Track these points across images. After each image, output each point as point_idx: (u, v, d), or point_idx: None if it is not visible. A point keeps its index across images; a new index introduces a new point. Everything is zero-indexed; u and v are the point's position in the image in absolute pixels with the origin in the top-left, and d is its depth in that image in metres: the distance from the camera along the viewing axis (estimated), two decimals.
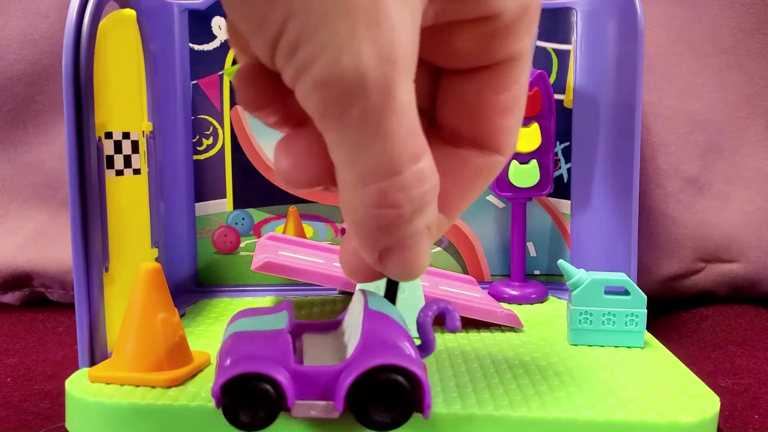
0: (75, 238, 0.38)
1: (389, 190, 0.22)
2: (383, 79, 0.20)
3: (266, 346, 0.29)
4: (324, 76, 0.20)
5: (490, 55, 0.25)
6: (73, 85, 0.37)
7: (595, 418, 0.32)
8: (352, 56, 0.19)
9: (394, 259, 0.24)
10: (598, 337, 0.42)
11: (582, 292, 0.42)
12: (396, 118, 0.21)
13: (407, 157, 0.22)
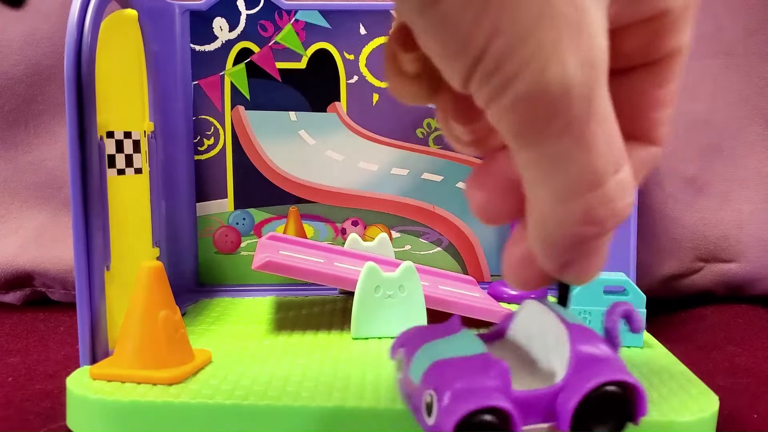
0: (76, 238, 0.38)
1: (594, 204, 0.21)
2: (586, 86, 0.19)
3: (484, 374, 0.27)
4: (528, 91, 0.19)
5: (655, 52, 0.24)
6: (74, 85, 0.37)
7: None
8: (558, 67, 0.19)
9: (577, 268, 0.23)
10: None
11: (581, 292, 0.42)
12: (596, 126, 0.20)
13: (610, 167, 0.21)
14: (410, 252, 0.57)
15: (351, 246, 0.53)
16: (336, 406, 0.33)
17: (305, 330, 0.46)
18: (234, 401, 0.33)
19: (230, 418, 0.33)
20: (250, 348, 0.41)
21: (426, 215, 0.57)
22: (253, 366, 0.38)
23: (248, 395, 0.34)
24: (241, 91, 0.56)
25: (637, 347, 0.42)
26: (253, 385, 0.35)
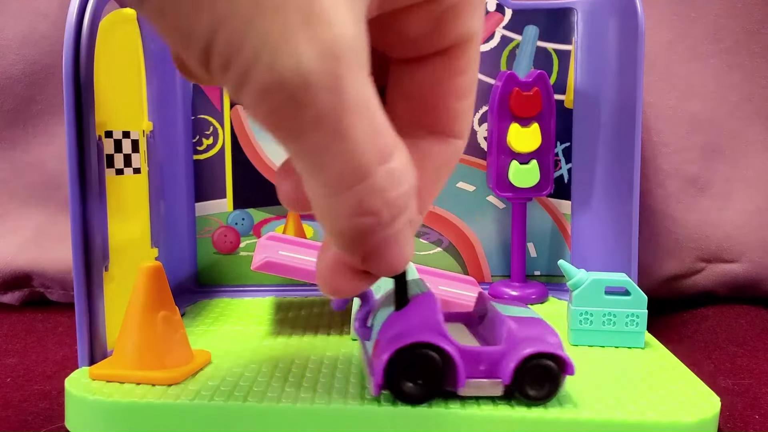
0: (75, 238, 0.38)
1: (364, 196, 0.20)
2: (329, 76, 0.18)
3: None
4: (265, 84, 0.18)
5: (441, 39, 0.24)
6: (73, 84, 0.37)
7: (595, 418, 0.32)
8: (291, 57, 0.18)
9: (379, 259, 0.23)
10: (599, 337, 0.42)
11: (582, 293, 0.42)
12: (352, 116, 0.19)
13: (374, 156, 0.20)
14: None
15: None
16: (336, 408, 0.33)
17: (305, 331, 0.45)
18: (233, 402, 0.33)
19: (229, 418, 0.33)
20: (250, 349, 0.41)
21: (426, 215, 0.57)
22: (252, 367, 0.38)
23: (247, 396, 0.34)
24: None
25: (638, 348, 0.42)
26: (252, 386, 0.35)
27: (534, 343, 0.33)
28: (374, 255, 0.23)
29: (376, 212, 0.21)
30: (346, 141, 0.19)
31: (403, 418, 0.33)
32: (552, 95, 0.52)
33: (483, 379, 0.33)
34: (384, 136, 0.20)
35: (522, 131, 0.52)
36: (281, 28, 0.18)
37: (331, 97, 0.19)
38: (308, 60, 0.18)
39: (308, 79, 0.18)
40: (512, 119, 0.52)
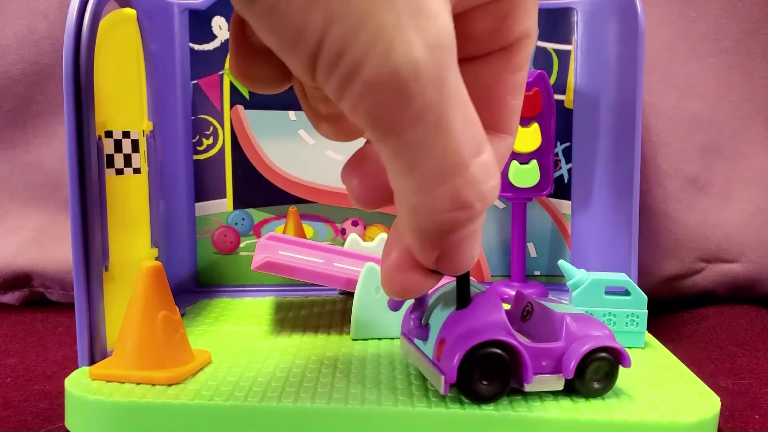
0: (75, 238, 0.38)
1: (461, 188, 0.20)
2: (436, 67, 0.19)
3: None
4: (376, 75, 0.19)
5: (505, 36, 0.24)
6: (73, 84, 0.37)
7: (595, 418, 0.32)
8: (404, 47, 0.18)
9: (452, 258, 0.23)
10: None
11: (582, 293, 0.42)
12: (453, 109, 0.19)
13: (472, 149, 0.20)
14: None
15: (351, 246, 0.53)
16: (336, 408, 0.33)
17: (305, 331, 0.45)
18: (233, 402, 0.33)
19: (229, 419, 0.33)
20: (250, 349, 0.41)
21: None
22: (252, 367, 0.38)
23: (247, 396, 0.34)
24: (240, 91, 0.55)
25: (638, 348, 0.42)
26: (252, 386, 0.35)
27: (593, 339, 0.34)
28: (449, 253, 0.23)
29: (471, 205, 0.21)
30: (447, 133, 0.20)
31: (403, 419, 0.33)
32: (552, 95, 0.52)
33: (546, 375, 0.34)
34: (478, 128, 0.21)
35: (522, 131, 0.52)
36: (395, 20, 0.18)
37: (436, 88, 0.19)
38: (419, 50, 0.18)
39: (419, 69, 0.18)
40: None
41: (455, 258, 0.23)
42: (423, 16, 0.18)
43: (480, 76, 0.25)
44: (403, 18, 0.18)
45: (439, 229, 0.21)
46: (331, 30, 0.18)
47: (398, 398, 0.34)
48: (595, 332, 0.35)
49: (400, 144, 0.20)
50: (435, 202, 0.21)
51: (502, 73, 0.25)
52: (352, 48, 0.18)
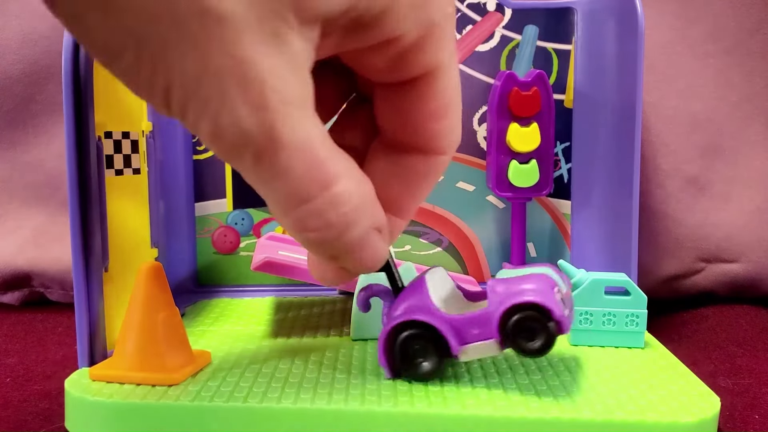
0: (74, 238, 0.38)
1: (304, 217, 0.24)
2: (262, 125, 0.22)
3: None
4: (211, 134, 0.22)
5: (405, 72, 0.26)
6: (72, 84, 0.37)
7: (595, 418, 0.32)
8: (229, 113, 0.22)
9: (347, 261, 0.26)
10: (599, 337, 0.42)
11: (582, 293, 0.42)
12: (288, 155, 0.22)
13: (313, 186, 0.23)
14: (410, 252, 0.57)
15: None
16: (336, 409, 0.33)
17: (305, 331, 0.45)
18: (233, 403, 0.33)
19: (229, 419, 0.33)
20: (250, 349, 0.41)
21: (426, 215, 0.57)
22: (252, 367, 0.38)
23: (247, 397, 0.34)
24: None
25: (638, 348, 0.42)
26: (252, 386, 0.35)
27: (513, 296, 0.34)
28: (342, 257, 0.26)
29: (317, 229, 0.24)
30: (283, 176, 0.23)
31: (402, 419, 0.33)
32: (551, 95, 0.52)
33: (478, 343, 0.35)
34: (324, 167, 0.24)
35: (521, 131, 0.52)
36: (221, 89, 0.21)
37: (266, 141, 0.22)
38: (242, 113, 0.22)
39: (243, 129, 0.22)
40: (512, 119, 0.52)
41: (351, 261, 0.26)
42: (248, 82, 0.21)
43: (396, 101, 0.27)
44: (228, 87, 0.21)
45: (307, 243, 0.25)
46: (172, 94, 0.22)
47: (398, 398, 0.34)
48: (519, 289, 0.34)
49: (250, 180, 0.24)
50: (287, 225, 0.25)
51: (416, 102, 0.27)
52: (192, 108, 0.22)
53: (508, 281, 0.35)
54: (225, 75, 0.21)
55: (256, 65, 0.21)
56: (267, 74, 0.22)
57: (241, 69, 0.21)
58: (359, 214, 0.25)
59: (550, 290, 0.34)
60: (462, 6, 0.55)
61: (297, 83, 0.23)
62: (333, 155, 0.24)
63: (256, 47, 0.21)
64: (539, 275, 0.35)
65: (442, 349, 0.35)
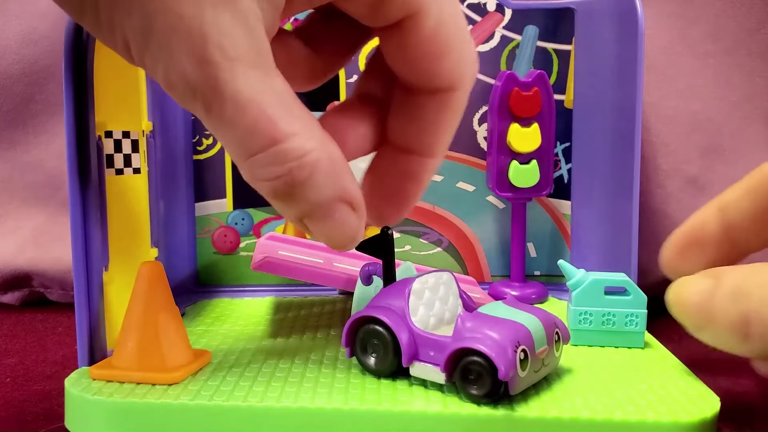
0: (75, 238, 0.38)
1: (253, 167, 0.25)
2: (206, 80, 0.23)
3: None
4: (165, 84, 0.24)
5: (384, 17, 0.27)
6: (72, 84, 0.37)
7: (595, 418, 0.32)
8: (175, 67, 0.23)
9: (312, 227, 0.27)
10: (598, 337, 0.42)
11: (582, 293, 0.42)
12: (233, 109, 0.23)
13: (261, 140, 0.24)
14: (410, 252, 0.57)
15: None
16: (336, 408, 0.33)
17: (304, 331, 0.45)
18: (233, 402, 0.33)
19: (229, 419, 0.33)
20: (250, 349, 0.41)
21: (426, 215, 0.57)
22: (252, 367, 0.38)
23: (247, 396, 0.34)
24: None
25: (638, 348, 0.42)
26: (252, 385, 0.35)
27: (469, 340, 0.33)
28: (308, 221, 0.27)
29: (265, 179, 0.25)
30: (231, 128, 0.24)
31: (403, 419, 0.33)
32: (552, 95, 0.52)
33: (429, 364, 0.35)
34: (273, 123, 0.24)
35: (522, 131, 0.52)
36: (167, 46, 0.23)
37: (213, 94, 0.23)
38: (188, 68, 0.23)
39: (189, 81, 0.23)
40: (512, 119, 0.52)
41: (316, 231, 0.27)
42: (193, 39, 0.23)
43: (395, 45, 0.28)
44: (175, 43, 0.23)
45: (263, 192, 0.26)
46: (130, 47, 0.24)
47: (398, 398, 0.34)
48: (481, 334, 0.33)
49: (207, 125, 0.25)
50: (243, 173, 0.26)
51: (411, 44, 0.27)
52: (146, 64, 0.24)
53: (481, 320, 0.34)
54: (169, 31, 0.23)
55: (200, 21, 0.23)
56: (211, 30, 0.23)
57: (183, 24, 0.23)
58: (315, 174, 0.25)
59: (512, 346, 0.33)
60: (462, 6, 0.55)
61: (245, 40, 0.23)
62: (289, 114, 0.25)
63: (200, 3, 0.23)
64: (516, 325, 0.34)
65: (396, 355, 0.36)
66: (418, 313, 0.36)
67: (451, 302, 0.39)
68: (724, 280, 0.31)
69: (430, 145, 0.29)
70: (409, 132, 0.29)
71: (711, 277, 0.32)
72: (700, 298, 0.31)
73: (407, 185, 0.30)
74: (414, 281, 0.37)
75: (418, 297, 0.37)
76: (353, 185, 0.27)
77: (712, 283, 0.31)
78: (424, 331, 0.35)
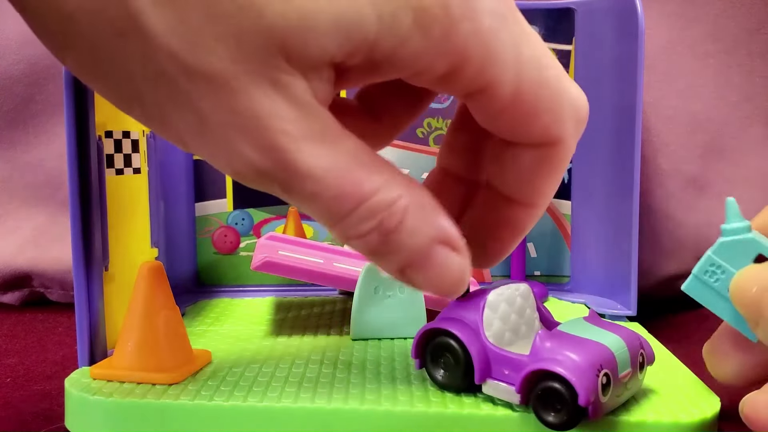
0: (75, 238, 0.38)
1: (345, 230, 0.24)
2: (277, 164, 0.23)
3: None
4: (232, 173, 0.24)
5: (453, 92, 0.26)
6: (72, 84, 0.37)
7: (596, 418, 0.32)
8: (240, 159, 0.23)
9: (416, 276, 0.26)
10: (711, 299, 0.35)
11: (731, 245, 0.35)
12: (313, 184, 0.23)
13: (349, 204, 0.24)
14: None
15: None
16: (336, 408, 0.33)
17: (305, 331, 0.45)
18: (233, 402, 0.33)
19: (229, 419, 0.33)
20: (250, 349, 0.41)
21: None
22: (252, 367, 0.38)
23: (248, 396, 0.34)
24: None
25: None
26: (252, 385, 0.35)
27: (547, 362, 0.31)
28: (407, 273, 0.26)
29: (359, 236, 0.25)
30: (316, 201, 0.24)
31: (402, 419, 0.33)
32: None
33: (502, 383, 0.33)
34: (356, 184, 0.24)
35: None
36: (226, 143, 0.22)
37: (288, 177, 0.23)
38: (257, 160, 0.23)
39: (262, 171, 0.23)
40: None
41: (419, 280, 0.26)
42: (252, 131, 0.22)
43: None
44: (233, 138, 0.22)
45: (362, 253, 0.26)
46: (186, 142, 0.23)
47: (398, 398, 0.34)
48: (560, 356, 0.31)
49: (290, 202, 0.25)
50: (337, 237, 0.25)
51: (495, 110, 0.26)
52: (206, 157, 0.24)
53: (561, 339, 0.32)
54: (225, 127, 0.22)
55: (255, 113, 0.22)
56: (269, 119, 0.22)
57: (241, 120, 0.22)
58: (406, 219, 0.25)
59: (594, 370, 0.30)
60: None
61: (305, 119, 0.23)
62: (369, 171, 0.24)
63: (252, 96, 0.22)
64: (599, 346, 0.32)
65: (468, 371, 0.34)
66: (493, 327, 0.34)
67: (527, 315, 0.36)
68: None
69: (530, 195, 0.28)
70: (507, 180, 0.28)
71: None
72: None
73: (505, 233, 0.29)
74: (489, 293, 0.35)
75: (493, 310, 0.34)
76: (449, 225, 0.26)
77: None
78: (498, 347, 0.33)
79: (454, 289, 0.26)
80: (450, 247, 0.26)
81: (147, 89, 0.22)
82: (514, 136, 0.27)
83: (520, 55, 0.25)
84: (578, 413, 0.30)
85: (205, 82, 0.21)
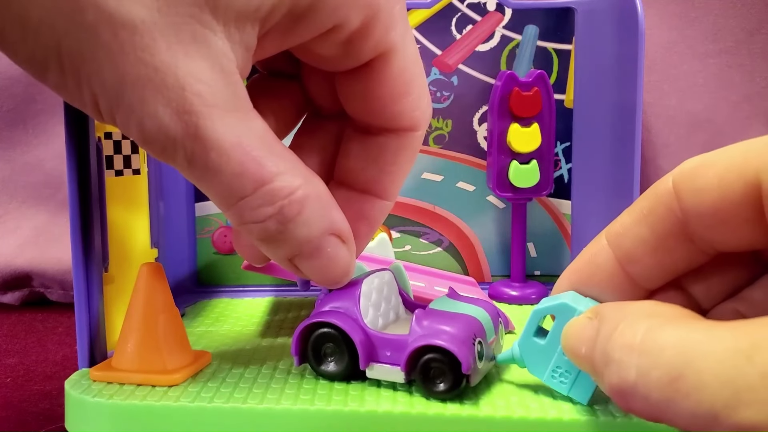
0: (74, 238, 0.37)
1: (241, 212, 0.25)
2: (187, 129, 0.23)
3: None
4: (140, 138, 0.23)
5: (355, 58, 0.27)
6: None
7: (595, 418, 0.32)
8: (152, 119, 0.23)
9: (304, 265, 0.27)
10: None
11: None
12: (218, 155, 0.23)
13: (250, 183, 0.24)
14: (410, 252, 0.57)
15: None
16: (335, 410, 0.33)
17: None
18: (233, 404, 0.33)
19: (229, 420, 0.33)
20: (250, 349, 0.41)
21: (426, 215, 0.57)
22: (252, 368, 0.38)
23: (247, 398, 0.34)
24: None
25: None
26: (252, 387, 0.35)
27: (428, 337, 0.33)
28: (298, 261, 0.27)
29: (255, 221, 0.25)
30: (218, 175, 0.24)
31: (402, 419, 0.33)
32: (552, 95, 0.52)
33: (386, 365, 0.35)
34: (260, 164, 0.24)
35: (522, 131, 0.52)
36: (140, 97, 0.22)
37: (193, 142, 0.23)
38: (165, 118, 0.23)
39: (169, 132, 0.23)
40: (512, 119, 0.52)
41: (308, 269, 0.27)
42: (168, 89, 0.22)
43: (357, 87, 0.28)
44: (148, 95, 0.22)
45: (252, 237, 0.26)
46: (101, 103, 0.23)
47: (398, 400, 0.34)
48: (438, 329, 0.33)
49: (189, 178, 0.25)
50: (230, 219, 0.26)
51: (375, 85, 0.27)
52: (119, 115, 0.23)
53: (436, 316, 0.34)
54: (143, 83, 0.22)
55: (174, 71, 0.22)
56: (187, 78, 0.22)
57: (158, 75, 0.22)
58: (305, 210, 0.25)
59: (470, 340, 0.33)
60: (462, 6, 0.55)
61: (222, 85, 0.23)
62: (273, 153, 0.24)
63: (174, 52, 0.22)
64: (469, 318, 0.34)
65: (353, 357, 0.35)
66: (369, 314, 0.36)
67: (393, 302, 0.39)
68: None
69: (387, 187, 0.30)
70: (367, 173, 0.29)
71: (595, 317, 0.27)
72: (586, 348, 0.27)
73: (362, 227, 0.30)
74: (362, 283, 0.36)
75: (367, 298, 0.36)
76: (341, 218, 0.27)
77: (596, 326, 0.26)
78: (377, 331, 0.35)
79: (339, 279, 0.28)
80: (340, 239, 0.27)
81: (68, 44, 0.22)
82: (382, 118, 0.28)
83: (406, 29, 0.27)
84: (460, 380, 0.33)
85: (128, 33, 0.21)
